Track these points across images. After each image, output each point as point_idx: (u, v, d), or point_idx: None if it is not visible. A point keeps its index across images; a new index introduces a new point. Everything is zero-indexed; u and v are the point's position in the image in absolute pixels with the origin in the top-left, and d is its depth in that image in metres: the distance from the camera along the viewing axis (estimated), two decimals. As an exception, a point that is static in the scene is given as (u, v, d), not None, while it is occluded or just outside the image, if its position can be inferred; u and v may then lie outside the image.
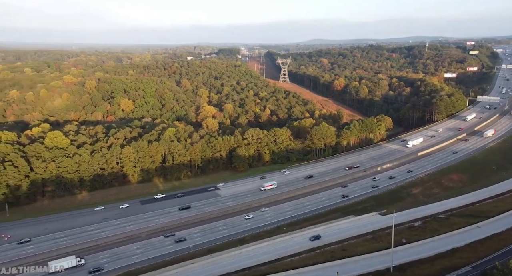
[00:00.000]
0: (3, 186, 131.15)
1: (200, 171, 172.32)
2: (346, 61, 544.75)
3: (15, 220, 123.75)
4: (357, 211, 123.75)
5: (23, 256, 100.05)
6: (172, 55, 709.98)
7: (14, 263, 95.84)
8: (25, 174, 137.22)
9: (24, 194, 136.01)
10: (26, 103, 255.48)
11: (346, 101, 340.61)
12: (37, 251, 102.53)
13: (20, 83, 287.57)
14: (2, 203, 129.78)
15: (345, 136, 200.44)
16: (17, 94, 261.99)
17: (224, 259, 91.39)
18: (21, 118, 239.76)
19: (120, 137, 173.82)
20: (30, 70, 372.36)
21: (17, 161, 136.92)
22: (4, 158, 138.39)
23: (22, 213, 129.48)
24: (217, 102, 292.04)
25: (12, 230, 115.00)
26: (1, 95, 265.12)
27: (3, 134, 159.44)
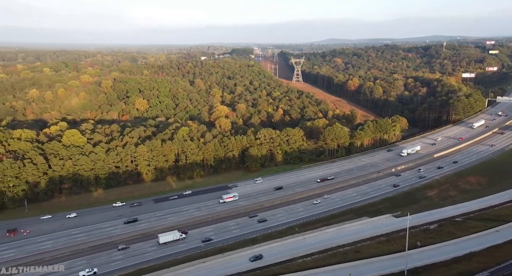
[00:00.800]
0: (23, 183, 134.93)
1: (212, 170, 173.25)
2: (360, 61, 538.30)
3: (34, 216, 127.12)
4: (370, 213, 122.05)
5: (40, 251, 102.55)
6: (186, 55, 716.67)
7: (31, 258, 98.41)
8: (43, 171, 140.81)
9: (42, 190, 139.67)
10: (45, 102, 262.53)
11: (360, 102, 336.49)
12: (53, 247, 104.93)
13: (39, 82, 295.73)
14: (21, 199, 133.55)
15: (358, 137, 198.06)
16: (36, 93, 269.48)
17: (236, 259, 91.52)
18: (40, 116, 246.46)
19: (134, 136, 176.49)
20: (49, 70, 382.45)
21: (36, 159, 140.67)
22: (23, 156, 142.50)
23: (40, 209, 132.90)
24: (230, 102, 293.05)
25: (31, 226, 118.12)
26: (22, 94, 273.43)
27: (23, 132, 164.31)
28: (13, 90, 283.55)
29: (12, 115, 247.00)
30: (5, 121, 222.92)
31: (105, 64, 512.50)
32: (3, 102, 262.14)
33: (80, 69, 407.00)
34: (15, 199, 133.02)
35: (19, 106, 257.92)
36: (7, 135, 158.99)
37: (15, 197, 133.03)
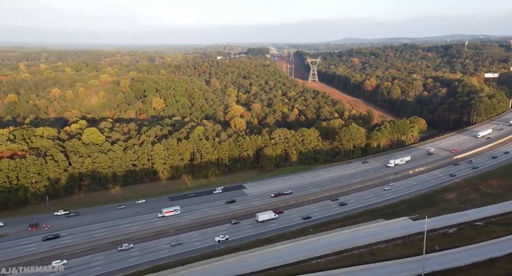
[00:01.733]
0: (45, 179, 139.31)
1: (227, 169, 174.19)
2: (378, 60, 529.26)
3: (54, 211, 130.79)
4: (386, 215, 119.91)
5: (60, 246, 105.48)
6: (203, 55, 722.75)
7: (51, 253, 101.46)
8: (64, 168, 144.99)
9: (62, 187, 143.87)
10: (66, 101, 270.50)
11: (377, 102, 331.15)
12: (73, 242, 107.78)
13: (61, 81, 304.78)
14: (43, 195, 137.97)
15: (375, 138, 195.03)
16: (58, 92, 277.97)
17: (250, 258, 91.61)
18: (61, 115, 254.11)
19: (151, 134, 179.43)
20: (70, 69, 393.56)
21: (57, 156, 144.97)
22: (45, 153, 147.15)
23: (61, 205, 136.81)
24: (245, 101, 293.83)
25: (52, 221, 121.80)
26: (44, 93, 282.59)
27: (45, 130, 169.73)
28: (36, 89, 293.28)
29: (35, 113, 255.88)
30: (29, 119, 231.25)
31: (124, 64, 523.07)
32: (27, 101, 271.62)
33: (99, 68, 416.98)
34: (37, 195, 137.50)
35: (41, 105, 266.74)
36: (30, 133, 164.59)
37: (37, 193, 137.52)
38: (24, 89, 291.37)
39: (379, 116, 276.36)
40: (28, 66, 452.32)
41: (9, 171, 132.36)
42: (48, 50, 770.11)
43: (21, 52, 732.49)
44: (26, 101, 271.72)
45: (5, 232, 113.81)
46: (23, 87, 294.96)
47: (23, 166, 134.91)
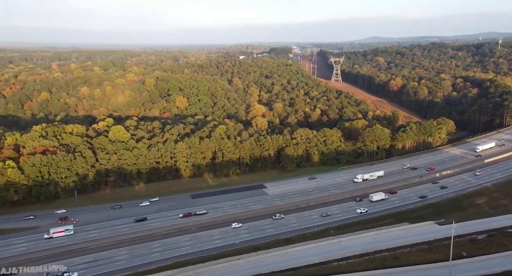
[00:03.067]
0: (73, 174, 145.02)
1: (248, 169, 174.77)
2: (404, 60, 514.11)
3: (82, 206, 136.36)
4: (411, 219, 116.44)
5: (87, 239, 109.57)
6: (225, 54, 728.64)
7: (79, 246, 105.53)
8: (91, 164, 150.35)
9: (90, 182, 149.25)
10: (94, 99, 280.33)
11: (403, 102, 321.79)
12: (99, 236, 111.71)
13: (89, 80, 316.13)
14: (72, 190, 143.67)
15: (400, 139, 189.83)
16: (87, 91, 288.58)
17: (270, 258, 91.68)
18: (89, 112, 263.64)
19: (174, 133, 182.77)
20: (99, 68, 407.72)
21: (85, 152, 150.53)
22: (74, 149, 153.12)
23: (88, 200, 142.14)
24: (267, 101, 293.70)
25: (80, 215, 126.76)
26: (74, 91, 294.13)
27: (74, 127, 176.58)
28: (67, 88, 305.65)
29: (66, 111, 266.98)
30: (60, 116, 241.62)
31: (149, 63, 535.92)
32: (58, 99, 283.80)
33: (126, 68, 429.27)
34: (67, 189, 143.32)
35: (71, 103, 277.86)
36: (61, 130, 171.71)
37: (66, 188, 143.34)
38: (56, 88, 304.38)
39: (404, 117, 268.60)
40: (60, 66, 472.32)
41: (41, 166, 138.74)
42: (78, 50, 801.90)
43: (54, 52, 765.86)
44: (57, 99, 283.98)
45: (37, 224, 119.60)
46: (55, 86, 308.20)
47: (54, 162, 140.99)
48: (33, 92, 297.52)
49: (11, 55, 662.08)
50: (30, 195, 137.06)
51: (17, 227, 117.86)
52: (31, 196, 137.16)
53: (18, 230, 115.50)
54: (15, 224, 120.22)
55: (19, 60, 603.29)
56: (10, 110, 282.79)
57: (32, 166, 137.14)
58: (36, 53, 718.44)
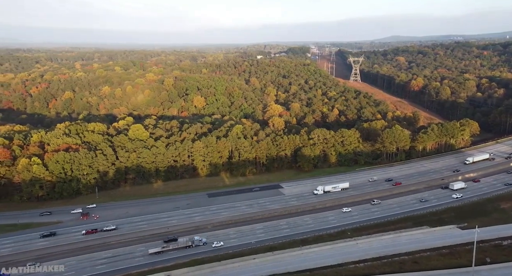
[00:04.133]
0: (95, 172, 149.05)
1: (264, 168, 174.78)
2: (426, 59, 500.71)
3: (103, 202, 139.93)
4: (432, 222, 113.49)
5: (107, 235, 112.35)
6: (243, 54, 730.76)
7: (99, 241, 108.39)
8: (112, 162, 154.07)
9: (110, 179, 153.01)
10: (115, 98, 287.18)
11: (424, 103, 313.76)
12: (119, 232, 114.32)
13: (111, 80, 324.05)
14: (93, 186, 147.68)
15: (421, 141, 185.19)
16: (108, 90, 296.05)
17: (286, 258, 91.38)
18: (110, 111, 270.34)
19: (192, 132, 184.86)
20: (120, 68, 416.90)
21: (106, 150, 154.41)
22: (96, 147, 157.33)
23: (108, 197, 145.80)
24: (284, 100, 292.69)
25: (100, 211, 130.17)
26: (96, 90, 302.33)
27: (96, 126, 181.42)
28: (89, 87, 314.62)
29: (88, 110, 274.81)
30: (82, 115, 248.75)
31: (168, 63, 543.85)
32: (81, 98, 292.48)
33: (146, 67, 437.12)
34: (88, 186, 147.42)
35: (93, 102, 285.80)
36: (83, 128, 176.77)
37: (88, 184, 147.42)
38: (79, 87, 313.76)
39: (425, 118, 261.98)
40: (83, 66, 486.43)
41: (64, 163, 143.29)
42: (100, 50, 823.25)
43: (77, 52, 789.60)
44: (80, 98, 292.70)
45: (60, 219, 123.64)
46: (78, 85, 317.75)
47: (76, 159, 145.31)
48: (57, 91, 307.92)
49: (38, 55, 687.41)
50: (54, 191, 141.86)
51: (42, 221, 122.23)
52: (54, 192, 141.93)
53: (43, 224, 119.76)
54: (40, 218, 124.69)
55: (45, 60, 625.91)
56: (36, 109, 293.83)
57: (56, 162, 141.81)
58: (61, 53, 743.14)
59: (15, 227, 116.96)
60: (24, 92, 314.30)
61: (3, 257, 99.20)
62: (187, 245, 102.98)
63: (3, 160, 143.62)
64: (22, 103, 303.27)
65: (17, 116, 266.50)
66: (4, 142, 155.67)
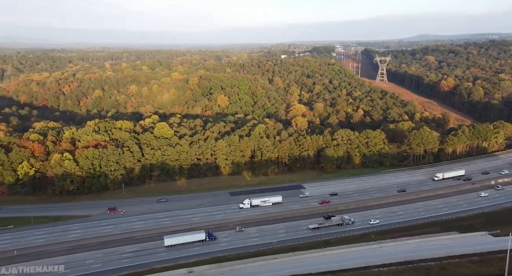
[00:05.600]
0: (121, 168, 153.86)
1: (287, 168, 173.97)
2: (457, 59, 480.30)
3: (129, 198, 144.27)
4: (461, 228, 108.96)
5: (133, 230, 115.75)
6: (267, 54, 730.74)
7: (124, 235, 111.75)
8: (138, 158, 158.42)
9: (136, 176, 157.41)
10: (141, 97, 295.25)
11: (454, 104, 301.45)
12: (144, 227, 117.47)
13: (138, 79, 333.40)
14: (120, 182, 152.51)
15: (450, 143, 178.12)
16: (135, 89, 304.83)
17: (307, 259, 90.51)
18: (137, 109, 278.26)
19: (215, 131, 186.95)
20: (147, 68, 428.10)
21: (133, 147, 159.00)
22: (123, 144, 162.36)
23: (134, 193, 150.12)
24: (308, 100, 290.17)
25: (126, 207, 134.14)
26: (124, 89, 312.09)
27: (123, 123, 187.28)
28: (118, 86, 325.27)
29: (116, 108, 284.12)
30: (111, 113, 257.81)
31: (193, 62, 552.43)
32: (110, 96, 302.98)
33: (171, 67, 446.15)
34: (115, 182, 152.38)
35: (121, 100, 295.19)
36: (111, 125, 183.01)
37: (115, 180, 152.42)
38: (108, 86, 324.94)
39: (456, 120, 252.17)
40: (112, 65, 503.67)
41: (93, 159, 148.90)
42: (129, 50, 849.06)
43: (107, 52, 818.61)
44: (109, 96, 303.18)
45: (89, 213, 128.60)
46: (107, 84, 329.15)
47: (105, 155, 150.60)
48: (88, 90, 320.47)
49: (70, 55, 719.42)
50: (84, 185, 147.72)
51: (73, 214, 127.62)
52: (84, 187, 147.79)
53: (73, 217, 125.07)
54: (71, 212, 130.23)
55: (77, 60, 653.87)
56: (68, 106, 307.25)
57: (86, 158, 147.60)
58: (92, 53, 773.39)
59: (48, 219, 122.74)
60: (57, 91, 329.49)
61: (36, 247, 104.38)
62: (338, 223, 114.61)
63: (38, 155, 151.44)
64: (56, 101, 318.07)
65: (51, 113, 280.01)
66: (39, 138, 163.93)
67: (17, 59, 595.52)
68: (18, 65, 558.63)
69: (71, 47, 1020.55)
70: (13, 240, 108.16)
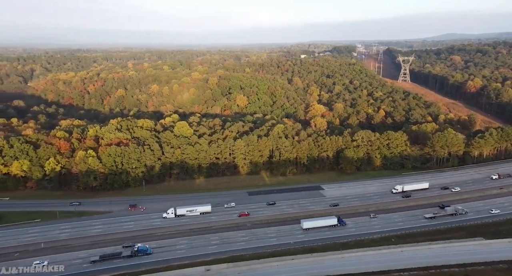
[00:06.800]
0: (142, 166, 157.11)
1: (305, 169, 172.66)
2: (486, 58, 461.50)
3: (149, 195, 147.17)
4: (487, 234, 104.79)
5: (152, 227, 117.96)
6: (286, 53, 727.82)
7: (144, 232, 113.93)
8: (158, 157, 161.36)
9: (156, 174, 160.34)
10: (162, 96, 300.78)
11: (481, 106, 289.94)
12: (162, 225, 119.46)
13: (159, 79, 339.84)
14: (140, 180, 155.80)
15: (477, 146, 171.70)
16: (156, 88, 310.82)
17: (325, 261, 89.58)
18: (158, 108, 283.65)
19: (234, 130, 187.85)
20: (168, 67, 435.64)
21: (153, 145, 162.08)
22: (144, 142, 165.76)
23: (154, 190, 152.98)
24: (327, 101, 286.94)
25: (147, 204, 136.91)
26: (145, 88, 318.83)
27: (144, 122, 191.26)
28: (139, 85, 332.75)
29: (138, 107, 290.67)
30: (133, 111, 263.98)
31: (213, 62, 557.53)
32: (132, 95, 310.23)
33: (192, 67, 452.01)
34: (136, 179, 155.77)
35: (143, 99, 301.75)
36: (133, 124, 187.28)
37: (136, 177, 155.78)
38: (130, 85, 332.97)
39: (483, 122, 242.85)
40: (135, 65, 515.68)
41: (116, 156, 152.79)
42: (150, 51, 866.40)
43: (130, 52, 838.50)
44: (131, 95, 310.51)
45: (111, 209, 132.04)
46: (129, 83, 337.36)
47: (126, 153, 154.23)
48: (111, 89, 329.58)
49: (95, 55, 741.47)
50: (106, 182, 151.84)
51: (96, 210, 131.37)
52: (106, 183, 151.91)
53: (96, 213, 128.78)
54: (94, 207, 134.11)
55: (101, 60, 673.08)
56: (93, 105, 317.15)
57: (108, 156, 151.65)
58: (115, 53, 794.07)
59: (72, 214, 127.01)
60: (82, 90, 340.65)
61: (61, 241, 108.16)
62: (452, 213, 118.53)
63: (63, 152, 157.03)
64: (81, 99, 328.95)
65: (76, 112, 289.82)
66: (65, 135, 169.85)
67: (46, 59, 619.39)
68: (46, 65, 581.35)
69: (95, 47, 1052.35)
70: (40, 233, 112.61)
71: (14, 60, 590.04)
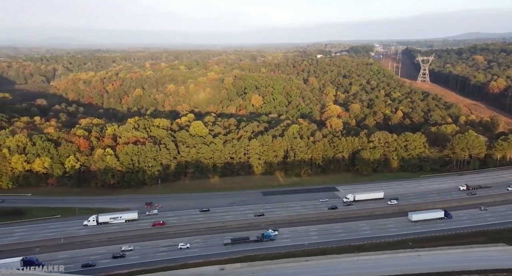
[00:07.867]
0: (158, 164, 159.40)
1: (320, 170, 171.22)
2: (510, 58, 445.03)
3: (165, 193, 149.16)
4: (510, 240, 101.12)
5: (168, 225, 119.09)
6: (302, 53, 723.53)
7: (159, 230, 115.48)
8: (173, 156, 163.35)
9: (171, 172, 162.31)
10: (178, 96, 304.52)
11: (505, 107, 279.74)
12: (178, 223, 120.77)
13: (176, 78, 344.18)
14: (156, 178, 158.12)
15: (499, 148, 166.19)
16: (173, 88, 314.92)
17: (340, 263, 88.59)
18: (174, 108, 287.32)
19: (248, 130, 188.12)
20: (184, 67, 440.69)
21: (169, 144, 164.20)
22: (160, 141, 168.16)
23: (169, 189, 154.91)
24: (344, 101, 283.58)
25: (162, 202, 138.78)
26: (162, 88, 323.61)
27: (161, 121, 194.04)
28: (156, 85, 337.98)
29: (155, 106, 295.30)
30: (150, 111, 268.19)
31: (229, 62, 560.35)
32: (149, 95, 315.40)
33: (208, 66, 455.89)
34: (152, 177, 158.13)
35: (160, 99, 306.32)
36: (150, 123, 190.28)
37: (152, 176, 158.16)
38: (148, 85, 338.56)
39: (506, 124, 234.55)
40: (152, 65, 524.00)
41: (133, 154, 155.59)
42: (168, 51, 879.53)
43: (148, 52, 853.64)
44: (148, 95, 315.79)
45: (128, 207, 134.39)
46: (147, 83, 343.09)
47: (143, 151, 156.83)
48: (129, 88, 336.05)
49: (114, 55, 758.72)
50: (123, 180, 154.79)
51: (113, 207, 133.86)
52: (124, 181, 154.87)
53: (113, 210, 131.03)
54: (111, 204, 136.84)
55: (120, 60, 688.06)
56: (111, 104, 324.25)
57: (126, 154, 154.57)
58: (133, 53, 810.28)
59: (91, 211, 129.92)
60: (102, 89, 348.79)
61: (79, 237, 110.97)
62: None
63: (83, 150, 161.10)
64: (100, 98, 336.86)
65: (95, 111, 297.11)
66: (84, 133, 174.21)
67: (67, 59, 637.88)
68: (67, 65, 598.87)
69: (114, 48, 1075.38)
70: (60, 229, 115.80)
71: (37, 60, 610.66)
